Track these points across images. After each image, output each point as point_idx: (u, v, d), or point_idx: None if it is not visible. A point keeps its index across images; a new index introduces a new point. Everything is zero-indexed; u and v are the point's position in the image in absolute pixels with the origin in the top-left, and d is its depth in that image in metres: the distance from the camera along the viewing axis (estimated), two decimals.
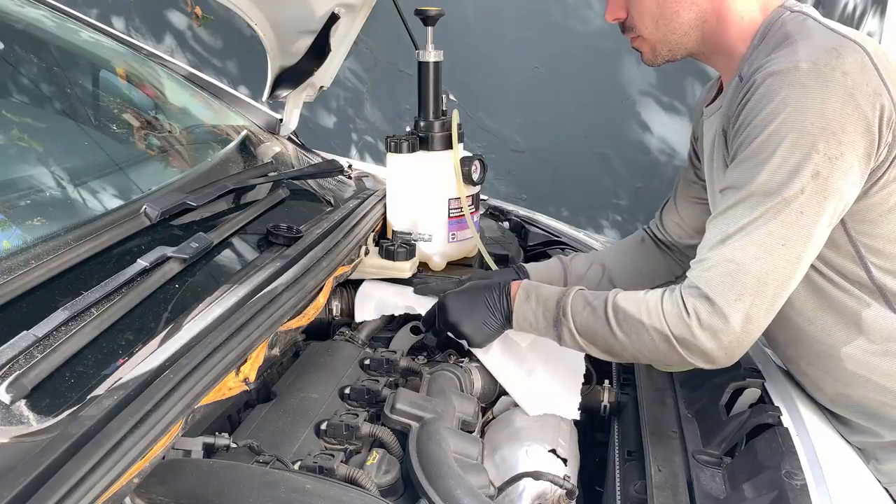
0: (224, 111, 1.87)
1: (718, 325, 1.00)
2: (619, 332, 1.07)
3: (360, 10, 1.71)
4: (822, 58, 0.97)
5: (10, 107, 1.40)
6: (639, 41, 1.19)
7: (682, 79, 3.28)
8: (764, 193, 0.99)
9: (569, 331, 1.12)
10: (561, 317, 1.13)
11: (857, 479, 1.14)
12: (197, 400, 0.86)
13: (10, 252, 0.97)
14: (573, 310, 1.12)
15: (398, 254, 1.48)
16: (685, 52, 1.17)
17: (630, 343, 1.07)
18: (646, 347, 1.06)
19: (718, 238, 1.03)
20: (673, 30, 1.13)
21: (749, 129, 1.01)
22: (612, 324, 1.08)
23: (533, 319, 1.17)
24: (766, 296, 1.00)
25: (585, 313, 1.11)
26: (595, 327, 1.10)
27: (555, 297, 1.15)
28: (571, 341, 1.13)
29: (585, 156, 3.54)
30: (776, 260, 0.99)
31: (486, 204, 1.97)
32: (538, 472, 1.02)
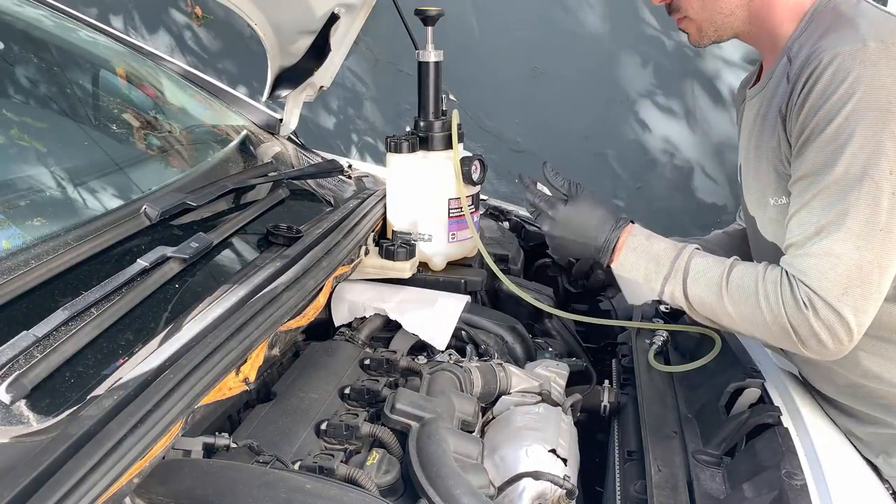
0: (224, 111, 1.87)
1: (833, 320, 0.99)
2: (731, 306, 1.07)
3: (360, 10, 1.71)
4: (887, 36, 0.97)
5: (10, 107, 1.40)
6: (685, 22, 1.19)
7: (681, 79, 3.28)
8: (851, 178, 0.97)
9: (680, 291, 1.12)
10: (671, 276, 1.12)
11: (857, 479, 1.14)
12: (197, 400, 0.86)
13: (10, 252, 0.97)
14: (686, 271, 1.11)
15: (398, 254, 1.48)
16: (731, 32, 1.17)
17: (741, 320, 1.07)
18: (755, 327, 1.06)
19: (813, 229, 1.01)
20: (719, 9, 1.13)
21: (822, 113, 0.99)
22: (724, 297, 1.07)
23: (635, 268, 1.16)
24: (871, 284, 0.99)
25: (699, 279, 1.10)
26: (705, 295, 1.09)
27: (670, 254, 1.14)
28: (674, 300, 1.13)
29: (585, 156, 3.54)
30: (876, 246, 0.97)
31: (486, 204, 1.97)
32: (538, 472, 1.02)
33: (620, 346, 1.52)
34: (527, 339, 1.54)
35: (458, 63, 2.96)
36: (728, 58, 3.19)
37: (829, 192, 0.99)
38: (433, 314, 1.42)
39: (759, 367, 1.27)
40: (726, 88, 3.24)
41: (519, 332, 1.52)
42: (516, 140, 3.66)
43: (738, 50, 3.14)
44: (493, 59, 3.54)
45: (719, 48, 3.17)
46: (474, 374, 1.26)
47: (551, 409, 1.22)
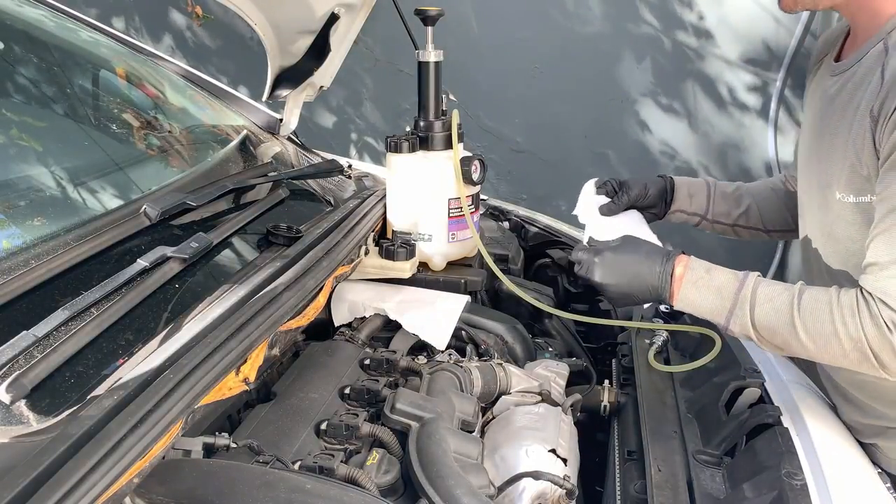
0: (224, 111, 1.87)
1: None
2: (805, 335, 1.03)
3: (360, 10, 1.71)
4: None
5: (10, 107, 1.40)
6: None
7: (682, 79, 3.28)
8: None
9: (745, 323, 1.08)
10: (737, 309, 1.08)
11: (857, 479, 1.14)
12: (197, 400, 0.86)
13: (10, 252, 0.97)
14: (752, 303, 1.07)
15: (398, 254, 1.48)
16: (830, 1, 1.10)
17: (815, 347, 1.03)
18: (832, 354, 1.03)
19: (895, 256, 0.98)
20: None
21: None
22: (797, 325, 1.03)
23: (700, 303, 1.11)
24: None
25: (767, 308, 1.06)
26: (776, 325, 1.05)
27: (732, 286, 1.09)
28: (741, 332, 1.09)
29: (585, 156, 3.54)
30: None
31: (486, 204, 1.97)
32: (538, 472, 1.02)
33: (620, 346, 1.52)
34: (527, 339, 1.54)
35: (458, 63, 2.96)
36: (728, 58, 3.19)
37: None
38: (433, 314, 1.42)
39: (759, 367, 1.27)
40: (726, 88, 3.24)
41: (519, 332, 1.52)
42: (516, 140, 3.66)
43: (738, 50, 3.14)
44: (493, 59, 3.54)
45: (719, 48, 3.17)
46: (474, 374, 1.26)
47: (551, 409, 1.22)
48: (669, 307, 1.48)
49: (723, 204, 1.45)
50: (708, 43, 3.19)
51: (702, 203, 1.45)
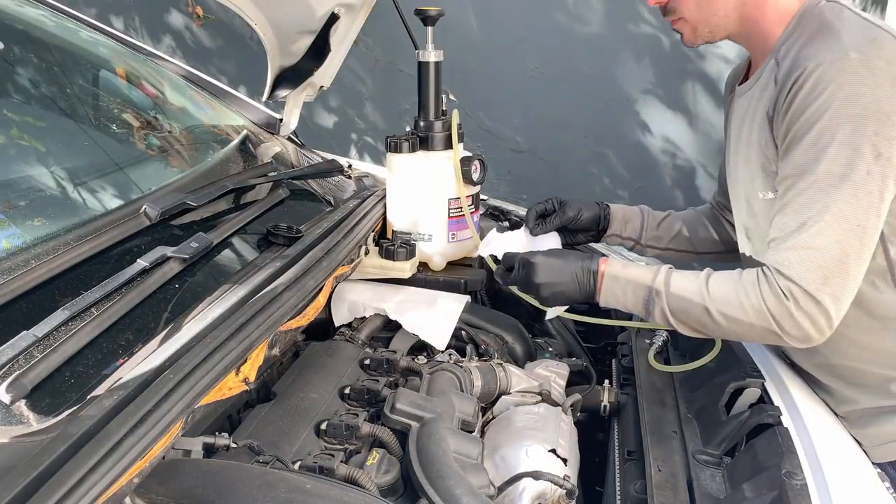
0: (224, 111, 1.87)
1: (813, 308, 1.04)
2: (715, 311, 1.10)
3: (360, 10, 1.71)
4: (867, 48, 1.03)
5: (10, 107, 1.40)
6: (680, 23, 1.23)
7: (681, 79, 3.28)
8: (832, 178, 1.03)
9: (661, 310, 1.16)
10: (654, 297, 1.16)
11: (857, 478, 1.14)
12: (197, 400, 0.86)
13: (10, 252, 0.97)
14: (666, 290, 1.15)
15: (398, 254, 1.48)
16: (724, 33, 1.21)
17: (725, 322, 1.10)
18: (741, 327, 1.10)
19: (795, 225, 1.06)
20: (714, 11, 1.18)
21: (806, 117, 1.05)
22: (707, 303, 1.11)
23: (622, 297, 1.20)
24: (848, 276, 1.05)
25: (680, 291, 1.14)
26: (689, 307, 1.13)
27: (646, 276, 1.18)
28: (662, 319, 1.16)
29: (585, 156, 3.53)
30: (853, 241, 1.03)
31: (486, 204, 1.97)
32: (538, 472, 1.02)
33: (620, 346, 1.52)
34: (527, 339, 1.54)
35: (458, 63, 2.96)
36: (728, 57, 3.18)
37: (811, 191, 1.05)
38: (433, 314, 1.43)
39: (759, 367, 1.27)
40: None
41: (519, 331, 1.52)
42: (516, 140, 3.66)
43: (738, 49, 3.14)
44: (493, 59, 3.54)
45: (719, 48, 3.17)
46: (474, 374, 1.26)
47: (551, 409, 1.22)
48: None
49: (655, 230, 1.54)
50: None
51: (635, 229, 1.54)
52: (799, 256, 1.05)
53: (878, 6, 3.19)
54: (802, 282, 1.04)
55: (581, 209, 1.50)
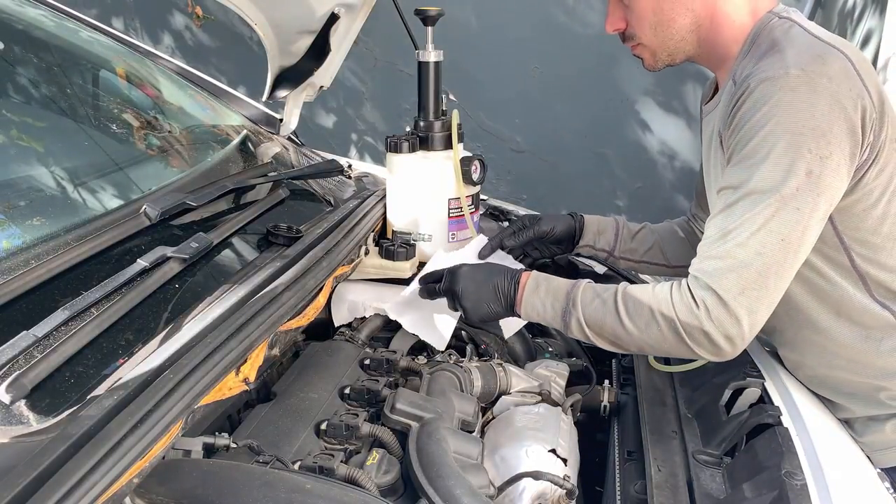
0: (224, 111, 1.87)
1: (725, 317, 1.03)
2: (628, 321, 1.09)
3: (360, 10, 1.71)
4: (810, 64, 1.03)
5: (10, 107, 1.40)
6: (639, 48, 1.24)
7: (681, 80, 3.28)
8: (761, 192, 1.03)
9: (577, 320, 1.14)
10: (570, 308, 1.15)
11: (857, 478, 1.14)
12: (197, 400, 0.86)
13: (10, 252, 0.97)
14: (583, 301, 1.14)
15: (398, 254, 1.48)
16: (684, 56, 1.22)
17: (638, 332, 1.09)
18: (652, 337, 1.08)
19: (719, 234, 1.06)
20: (671, 35, 1.18)
21: (744, 132, 1.05)
22: (620, 313, 1.10)
23: (541, 309, 1.19)
24: (767, 289, 1.04)
25: (595, 304, 1.13)
26: (604, 317, 1.12)
27: (564, 288, 1.17)
28: (579, 331, 1.15)
29: (585, 156, 3.54)
30: (775, 254, 1.03)
31: (486, 204, 1.97)
32: (538, 472, 1.02)
33: None
34: (527, 339, 1.54)
35: (458, 63, 2.96)
36: None
37: (740, 204, 1.05)
38: (433, 314, 1.42)
39: (759, 367, 1.27)
40: None
41: (519, 331, 1.52)
42: (516, 140, 3.66)
43: None
44: (493, 59, 3.54)
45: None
46: (474, 374, 1.26)
47: (551, 409, 1.22)
48: None
49: (629, 242, 1.53)
50: None
51: (609, 241, 1.53)
52: (718, 266, 1.04)
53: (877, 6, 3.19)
54: (719, 290, 1.03)
55: (555, 223, 1.51)
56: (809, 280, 1.17)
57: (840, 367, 1.22)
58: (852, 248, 1.13)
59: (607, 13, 1.24)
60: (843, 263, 1.14)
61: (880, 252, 1.13)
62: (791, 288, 1.17)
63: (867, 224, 1.12)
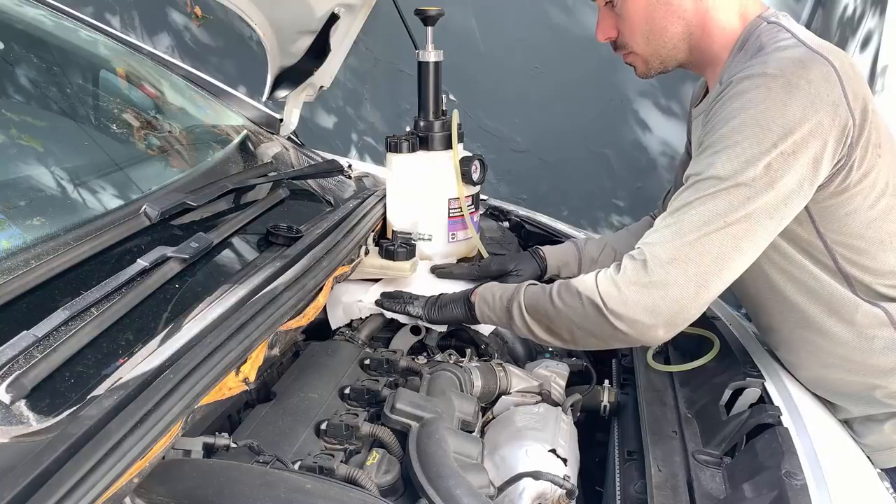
0: (224, 111, 1.87)
1: (642, 280, 1.04)
2: (557, 299, 1.14)
3: (360, 10, 1.71)
4: (790, 67, 1.03)
5: (10, 106, 1.40)
6: (631, 57, 1.25)
7: (680, 80, 3.28)
8: (717, 177, 1.04)
9: (518, 309, 1.20)
10: (513, 301, 1.21)
11: (857, 478, 1.14)
12: (197, 400, 0.86)
13: (10, 252, 0.97)
14: (524, 293, 1.21)
15: (398, 254, 1.48)
16: (676, 63, 1.23)
17: (564, 307, 1.13)
18: (576, 313, 1.11)
19: (669, 212, 1.08)
20: (663, 43, 1.19)
21: (714, 123, 1.07)
22: (552, 294, 1.15)
23: (489, 310, 1.27)
24: (699, 267, 1.03)
25: (533, 292, 1.20)
26: (538, 302, 1.17)
27: (510, 288, 1.25)
28: (520, 321, 1.20)
29: (585, 156, 3.54)
30: (715, 236, 1.03)
31: (486, 204, 1.97)
32: (538, 472, 1.02)
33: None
34: (527, 339, 1.53)
35: (458, 63, 2.96)
36: None
37: (696, 187, 1.06)
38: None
39: (759, 367, 1.27)
40: None
41: None
42: (516, 140, 3.66)
43: None
44: (493, 59, 3.54)
45: None
46: (474, 374, 1.26)
47: (551, 409, 1.22)
48: None
49: (593, 264, 1.53)
50: None
51: (572, 270, 1.55)
52: (656, 237, 1.06)
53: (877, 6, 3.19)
54: (649, 256, 1.04)
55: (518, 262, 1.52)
56: (800, 279, 1.17)
57: (834, 365, 1.22)
58: (836, 250, 1.14)
59: (598, 22, 1.25)
60: (829, 265, 1.15)
61: (864, 255, 1.13)
62: (784, 286, 1.19)
63: (851, 228, 1.12)
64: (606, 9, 1.22)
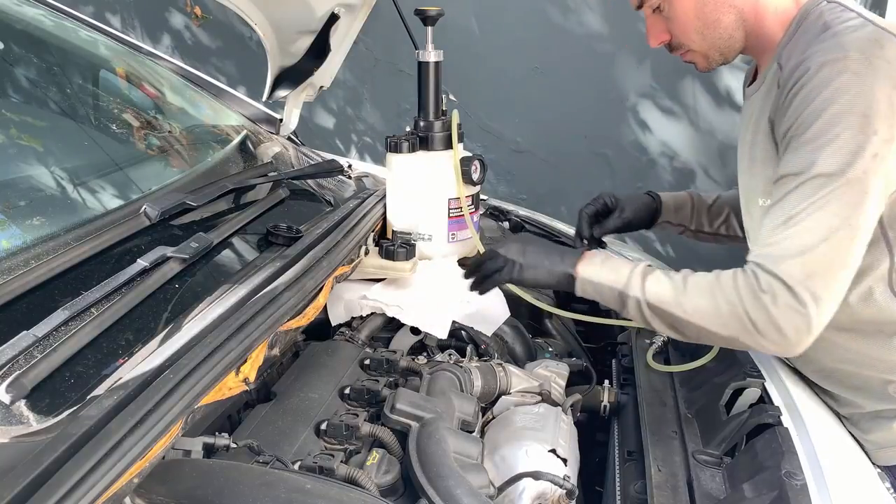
0: (224, 111, 1.87)
1: (793, 306, 0.99)
2: (689, 306, 1.06)
3: (360, 10, 1.71)
4: (868, 48, 1.01)
5: (10, 106, 1.40)
6: (690, 54, 1.23)
7: (680, 80, 3.28)
8: (827, 175, 1.00)
9: (635, 300, 1.11)
10: (631, 282, 1.12)
11: (857, 478, 1.14)
12: (197, 400, 0.86)
13: (10, 252, 0.97)
14: (644, 281, 1.11)
15: (398, 254, 1.48)
16: (735, 52, 1.21)
17: (699, 318, 1.05)
18: (713, 323, 1.05)
19: (781, 220, 1.03)
20: (719, 35, 1.18)
21: (804, 117, 1.03)
22: (681, 299, 1.07)
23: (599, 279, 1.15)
24: (834, 275, 1.00)
25: (656, 286, 1.10)
26: (665, 298, 1.08)
27: (627, 266, 1.14)
28: (636, 311, 1.12)
29: (585, 156, 3.53)
30: (842, 240, 1.00)
31: (486, 204, 1.97)
32: (538, 472, 1.02)
33: (620, 346, 1.52)
34: (527, 339, 1.54)
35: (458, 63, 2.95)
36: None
37: (804, 189, 1.02)
38: (431, 306, 1.43)
39: (759, 367, 1.27)
40: (725, 89, 3.24)
41: (519, 331, 1.52)
42: (516, 140, 3.66)
43: None
44: (493, 59, 3.54)
45: None
46: (474, 374, 1.26)
47: (551, 409, 1.22)
48: None
49: (705, 215, 1.55)
50: None
51: (686, 215, 1.55)
52: (782, 252, 1.01)
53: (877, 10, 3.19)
54: (784, 276, 0.99)
55: (637, 209, 1.52)
56: None
57: (849, 360, 1.20)
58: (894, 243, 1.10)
59: (647, 28, 1.22)
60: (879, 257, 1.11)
61: None
62: None
63: None
64: (654, 14, 1.20)
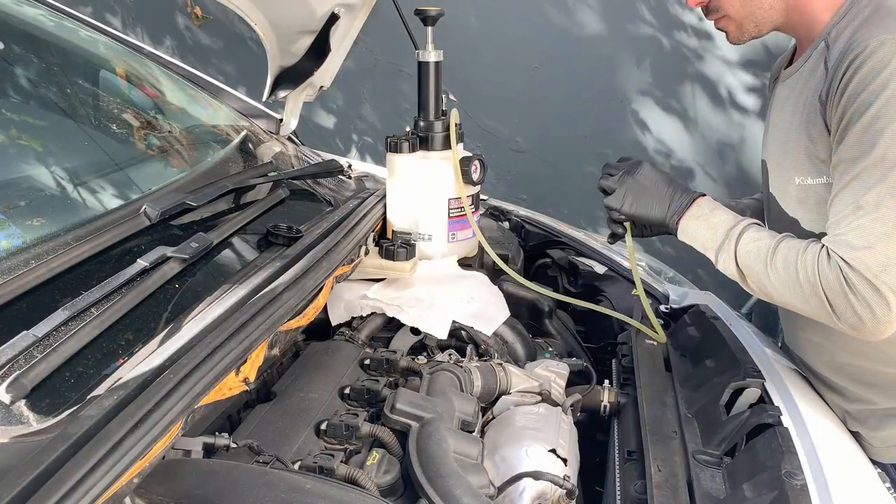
0: (224, 111, 1.87)
1: (871, 296, 1.01)
2: (774, 276, 1.10)
3: (360, 10, 1.71)
4: None
5: (10, 106, 1.40)
6: (724, 21, 1.21)
7: (681, 79, 3.28)
8: (890, 162, 1.00)
9: (730, 257, 1.15)
10: (726, 242, 1.16)
11: (857, 478, 1.14)
12: (197, 400, 0.86)
13: (10, 252, 0.97)
14: (738, 240, 1.15)
15: (398, 254, 1.48)
16: (771, 25, 1.20)
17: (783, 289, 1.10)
18: (797, 298, 1.09)
19: (851, 209, 1.04)
20: (759, 4, 1.16)
21: (861, 99, 1.03)
22: (768, 266, 1.10)
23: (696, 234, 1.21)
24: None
25: (750, 246, 1.13)
26: (754, 264, 1.12)
27: (727, 223, 1.18)
28: (727, 267, 1.16)
29: (585, 156, 3.54)
30: None
31: (486, 204, 1.97)
32: (538, 472, 1.02)
33: (620, 346, 1.52)
34: (527, 339, 1.54)
35: (458, 63, 2.96)
36: (727, 58, 3.19)
37: (868, 175, 1.02)
38: (432, 307, 1.42)
39: (759, 367, 1.27)
40: (725, 89, 3.24)
41: (519, 331, 1.52)
42: (516, 140, 3.66)
43: (737, 51, 3.14)
44: (493, 59, 3.54)
45: (719, 49, 3.17)
46: (474, 374, 1.26)
47: (551, 409, 1.22)
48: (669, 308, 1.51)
49: None
50: (707, 44, 3.19)
51: None
52: (856, 242, 1.02)
53: None
54: (861, 268, 1.01)
55: None
56: None
57: (865, 354, 1.20)
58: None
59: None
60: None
61: None
62: None
63: None
64: None
